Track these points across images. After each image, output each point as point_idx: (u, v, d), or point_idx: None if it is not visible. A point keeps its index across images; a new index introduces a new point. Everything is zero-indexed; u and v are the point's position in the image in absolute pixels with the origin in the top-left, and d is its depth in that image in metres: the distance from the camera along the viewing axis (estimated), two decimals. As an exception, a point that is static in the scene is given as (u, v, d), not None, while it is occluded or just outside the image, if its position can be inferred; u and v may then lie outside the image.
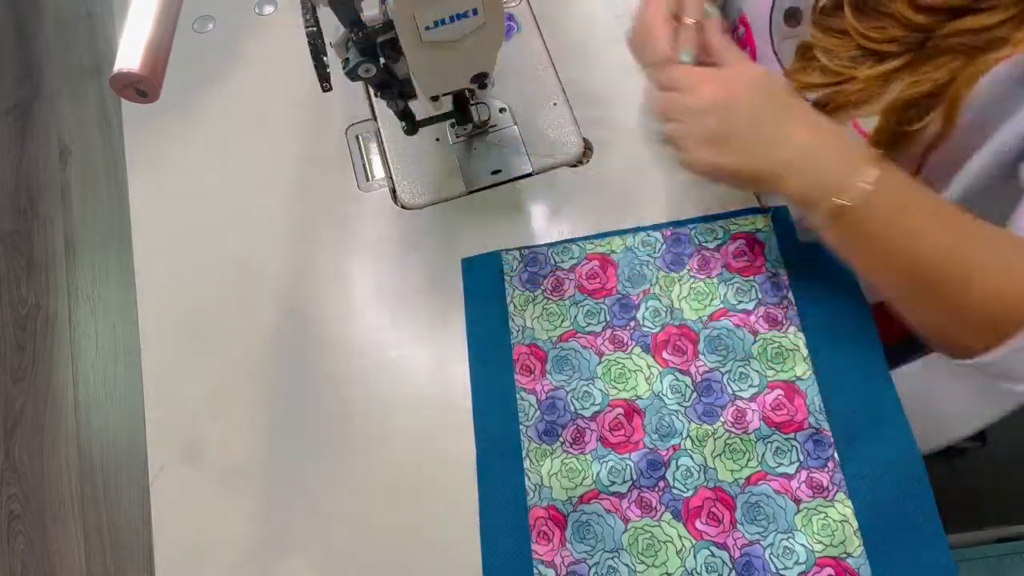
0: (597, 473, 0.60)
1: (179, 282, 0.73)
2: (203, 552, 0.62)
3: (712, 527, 0.58)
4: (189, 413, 0.67)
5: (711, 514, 0.59)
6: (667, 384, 0.63)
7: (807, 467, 0.59)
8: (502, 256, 0.70)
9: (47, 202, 1.79)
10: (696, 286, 0.66)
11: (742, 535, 0.58)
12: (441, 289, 0.70)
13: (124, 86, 0.49)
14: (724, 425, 0.61)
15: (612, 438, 0.62)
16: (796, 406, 0.61)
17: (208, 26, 0.88)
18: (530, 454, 0.62)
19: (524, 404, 0.64)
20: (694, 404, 0.62)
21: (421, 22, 0.56)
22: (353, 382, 0.67)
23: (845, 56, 0.66)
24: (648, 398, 0.63)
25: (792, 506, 0.58)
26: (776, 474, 0.59)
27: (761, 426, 0.60)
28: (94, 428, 1.54)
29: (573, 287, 0.68)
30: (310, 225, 0.75)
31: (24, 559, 1.43)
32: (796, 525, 0.57)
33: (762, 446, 0.60)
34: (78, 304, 1.66)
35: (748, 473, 0.59)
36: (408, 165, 0.77)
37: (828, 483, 0.58)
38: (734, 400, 0.62)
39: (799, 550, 0.57)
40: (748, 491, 0.59)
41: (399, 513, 0.61)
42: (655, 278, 0.67)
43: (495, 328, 0.68)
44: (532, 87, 0.80)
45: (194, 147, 0.80)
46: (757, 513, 0.58)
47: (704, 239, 0.68)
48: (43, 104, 1.92)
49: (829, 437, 0.59)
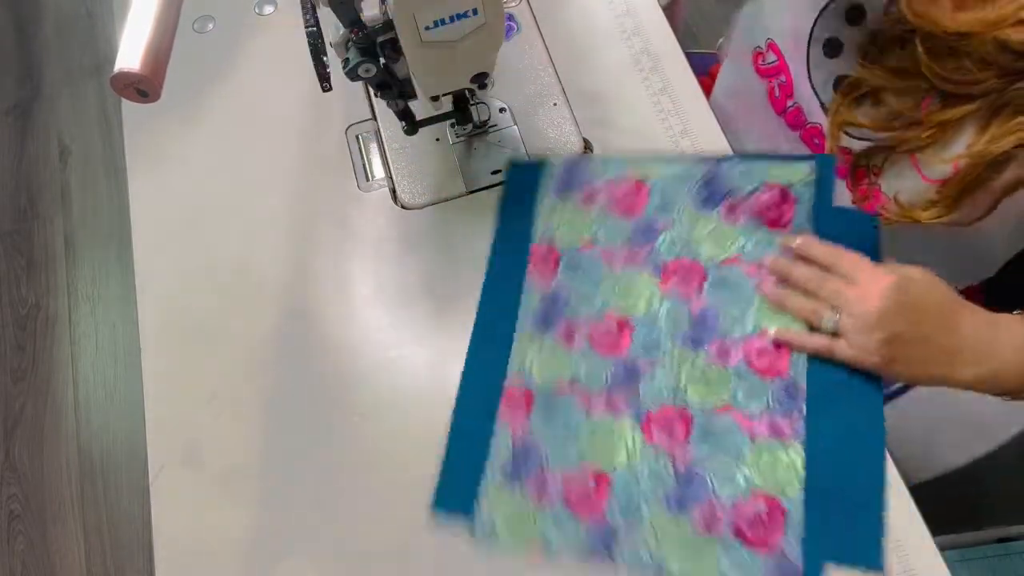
0: (577, 368, 0.64)
1: (179, 282, 0.73)
2: (203, 552, 0.62)
3: (666, 437, 0.61)
4: (189, 413, 0.67)
5: (669, 427, 0.61)
6: (665, 309, 0.65)
7: (773, 412, 0.61)
8: (547, 161, 0.72)
9: (47, 202, 1.79)
10: (720, 229, 0.67)
11: (692, 452, 0.60)
12: (441, 289, 0.70)
13: (124, 86, 0.49)
14: (706, 356, 0.63)
15: (600, 342, 0.65)
16: (781, 357, 0.62)
17: (208, 26, 0.88)
18: (521, 339, 0.66)
19: (528, 297, 0.68)
20: (684, 331, 0.64)
21: (421, 22, 0.56)
22: (353, 382, 0.67)
23: (913, 98, 0.62)
24: (643, 317, 0.65)
25: (747, 440, 0.60)
26: (742, 410, 0.61)
27: (740, 364, 0.62)
28: (94, 428, 1.54)
29: (604, 201, 0.70)
30: (310, 225, 0.75)
31: (24, 559, 1.43)
32: (745, 456, 0.59)
33: (736, 382, 0.62)
34: (78, 304, 1.66)
35: (716, 403, 0.62)
36: (408, 165, 0.77)
37: (788, 430, 0.60)
38: (724, 337, 0.64)
39: (740, 479, 0.59)
40: (710, 417, 0.61)
41: (399, 513, 0.61)
42: (682, 213, 0.68)
43: (521, 227, 0.71)
44: (532, 87, 0.80)
45: (194, 147, 0.80)
46: (712, 437, 0.61)
47: (740, 183, 0.68)
48: (43, 104, 1.91)
49: (803, 391, 0.61)
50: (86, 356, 1.61)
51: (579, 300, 0.67)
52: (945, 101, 0.61)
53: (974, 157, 0.59)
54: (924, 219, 0.65)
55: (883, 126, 0.65)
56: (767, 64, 0.78)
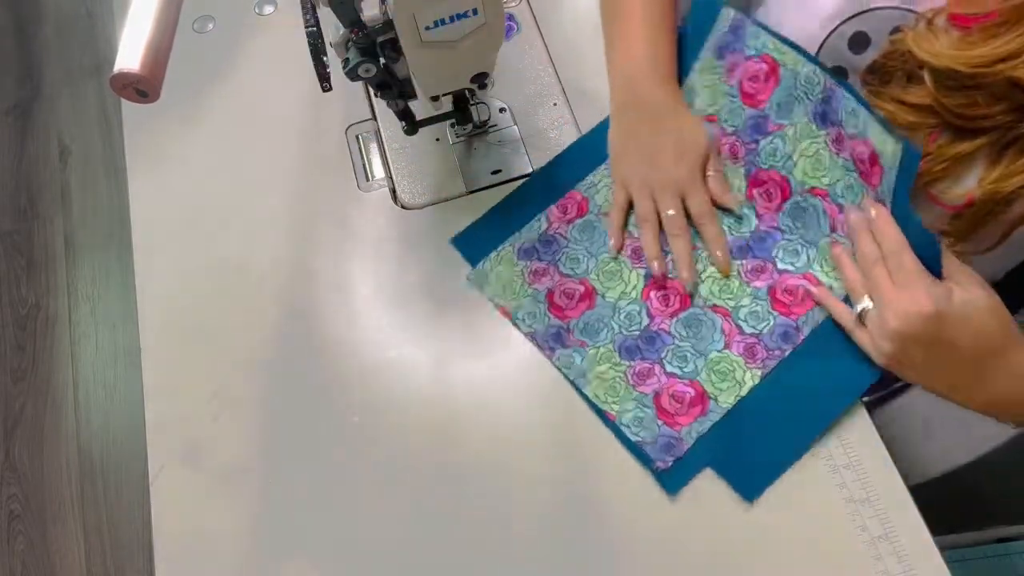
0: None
1: (179, 282, 0.73)
2: (203, 552, 0.62)
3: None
4: (189, 413, 0.67)
5: (666, 299, 0.67)
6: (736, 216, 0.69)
7: (760, 338, 0.65)
8: (721, 11, 0.71)
9: (47, 202, 1.79)
10: (821, 154, 0.66)
11: (671, 328, 0.66)
12: (441, 289, 0.70)
13: (124, 86, 0.49)
14: (742, 268, 0.67)
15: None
16: (803, 304, 0.65)
17: (208, 26, 0.88)
18: (606, 169, 0.72)
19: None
20: (742, 242, 0.68)
21: (421, 22, 0.56)
22: (353, 382, 0.67)
23: (923, 132, 0.61)
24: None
25: (720, 344, 0.65)
26: (737, 322, 0.66)
27: (763, 290, 0.66)
28: (94, 428, 1.54)
29: (737, 78, 0.70)
30: (310, 225, 0.75)
31: (24, 559, 1.43)
32: (708, 354, 0.65)
33: (751, 301, 0.66)
34: (78, 304, 1.66)
35: (719, 303, 0.66)
36: (408, 165, 0.77)
37: (759, 358, 0.64)
38: (770, 261, 0.67)
39: (692, 362, 0.65)
40: (707, 311, 0.66)
41: (399, 513, 0.61)
42: (799, 121, 0.67)
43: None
44: (532, 87, 0.80)
45: (194, 147, 0.80)
46: (692, 328, 0.66)
47: (847, 119, 0.65)
48: (43, 104, 1.91)
49: (799, 341, 0.64)
50: (86, 356, 1.61)
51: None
52: (955, 135, 0.60)
53: (986, 194, 0.59)
54: None
55: None
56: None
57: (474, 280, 0.69)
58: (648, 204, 0.68)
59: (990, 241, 0.63)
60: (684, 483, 0.60)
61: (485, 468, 0.62)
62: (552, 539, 0.60)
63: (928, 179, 0.62)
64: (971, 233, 0.62)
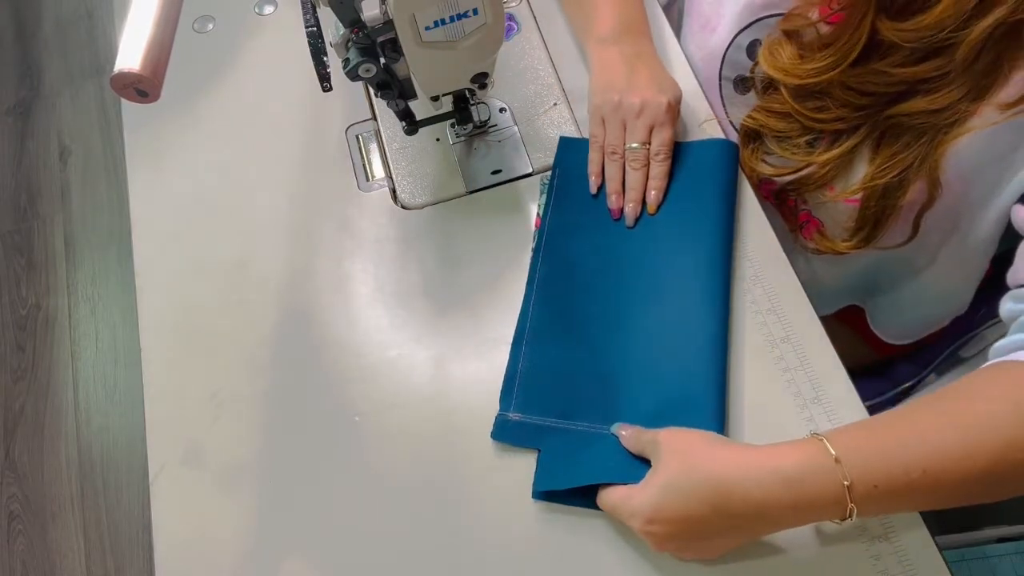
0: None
1: (179, 282, 0.73)
2: (203, 552, 0.62)
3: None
4: (189, 413, 0.67)
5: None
6: None
7: None
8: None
9: (47, 202, 1.79)
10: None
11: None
12: (441, 289, 0.70)
13: (124, 86, 0.49)
14: None
15: None
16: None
17: (208, 26, 0.88)
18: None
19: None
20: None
21: (421, 22, 0.56)
22: (353, 382, 0.67)
23: (799, 139, 0.64)
24: None
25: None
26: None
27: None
28: (94, 428, 1.54)
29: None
30: (310, 225, 0.75)
31: (24, 559, 1.43)
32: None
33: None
34: (78, 304, 1.66)
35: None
36: (408, 165, 0.77)
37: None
38: None
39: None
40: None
41: (399, 513, 0.61)
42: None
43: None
44: (532, 87, 0.80)
45: (194, 147, 0.80)
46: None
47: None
48: (43, 104, 1.91)
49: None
50: (86, 356, 1.61)
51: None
52: (832, 139, 0.63)
53: (868, 187, 0.61)
54: (844, 249, 0.67)
55: (782, 171, 0.67)
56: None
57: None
58: (619, 134, 0.69)
59: (903, 233, 0.65)
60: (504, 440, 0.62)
61: (485, 468, 0.62)
62: (552, 537, 0.60)
63: (821, 184, 0.65)
64: (877, 230, 0.64)
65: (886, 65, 0.58)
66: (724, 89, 0.73)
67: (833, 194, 0.65)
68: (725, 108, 0.74)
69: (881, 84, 0.59)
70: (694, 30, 0.76)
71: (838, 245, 0.68)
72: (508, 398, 0.64)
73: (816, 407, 0.61)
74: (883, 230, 0.64)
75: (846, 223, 0.67)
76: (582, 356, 0.65)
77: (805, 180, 0.66)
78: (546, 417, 0.62)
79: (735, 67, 0.71)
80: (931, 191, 0.61)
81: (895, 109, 0.59)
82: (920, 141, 0.59)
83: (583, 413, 0.62)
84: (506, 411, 0.63)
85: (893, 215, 0.63)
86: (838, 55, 0.59)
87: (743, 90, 0.72)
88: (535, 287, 0.68)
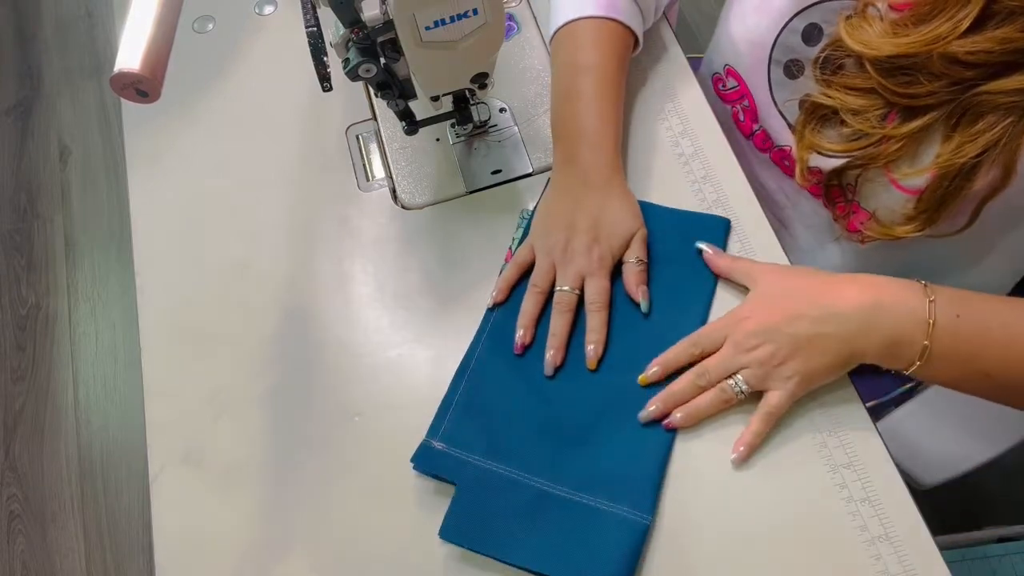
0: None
1: (179, 282, 0.73)
2: (203, 552, 0.62)
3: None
4: (189, 413, 0.67)
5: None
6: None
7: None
8: None
9: (47, 202, 1.79)
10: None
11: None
12: (441, 289, 0.70)
13: (124, 86, 0.49)
14: None
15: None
16: None
17: (208, 26, 0.88)
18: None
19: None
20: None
21: (421, 22, 0.56)
22: (353, 382, 0.67)
23: (874, 115, 0.62)
24: None
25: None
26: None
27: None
28: (94, 428, 1.54)
29: None
30: (310, 225, 0.75)
31: (24, 559, 1.43)
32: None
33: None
34: (78, 304, 1.66)
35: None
36: (408, 165, 0.77)
37: None
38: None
39: None
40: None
41: (399, 513, 0.61)
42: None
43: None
44: (532, 87, 0.80)
45: (194, 147, 0.80)
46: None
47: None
48: (43, 104, 1.92)
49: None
50: (86, 356, 1.61)
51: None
52: (906, 115, 0.61)
53: (942, 167, 0.59)
54: (902, 234, 0.65)
55: (850, 147, 0.65)
56: (728, 89, 0.78)
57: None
58: (546, 276, 0.66)
59: (962, 220, 0.63)
60: (423, 469, 0.61)
61: (485, 468, 0.62)
62: (552, 539, 0.60)
63: (886, 160, 0.62)
64: (938, 214, 0.62)
65: (1005, 32, 0.54)
66: (773, 74, 0.71)
67: (895, 175, 0.63)
68: (772, 92, 0.72)
69: (993, 54, 0.55)
70: (747, 11, 0.73)
71: (895, 230, 0.65)
72: (437, 426, 0.62)
73: (816, 407, 0.61)
74: (945, 214, 0.62)
75: (902, 210, 0.65)
76: (522, 401, 0.63)
77: (873, 156, 0.63)
78: (471, 454, 0.61)
79: (788, 51, 0.69)
80: (1004, 177, 0.59)
81: (989, 86, 0.56)
82: (1005, 122, 0.56)
83: (508, 457, 0.61)
84: (432, 438, 0.62)
85: (958, 199, 0.61)
86: (949, 24, 0.56)
87: (793, 74, 0.70)
88: (490, 324, 0.67)
